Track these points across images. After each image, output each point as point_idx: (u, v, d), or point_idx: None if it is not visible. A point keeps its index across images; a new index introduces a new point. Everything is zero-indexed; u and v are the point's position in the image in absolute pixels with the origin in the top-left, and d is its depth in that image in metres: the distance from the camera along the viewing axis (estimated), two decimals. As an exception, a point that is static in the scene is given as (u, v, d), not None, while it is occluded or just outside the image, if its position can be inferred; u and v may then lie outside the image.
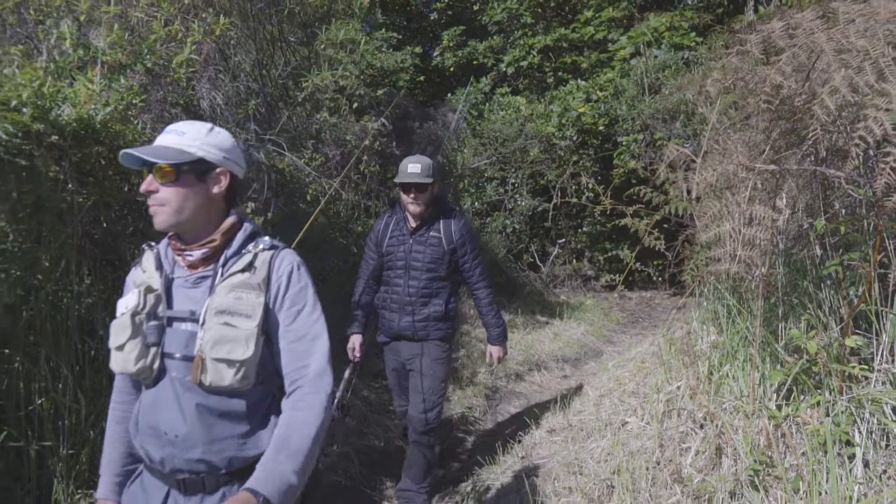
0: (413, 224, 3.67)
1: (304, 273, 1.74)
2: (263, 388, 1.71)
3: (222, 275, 1.67)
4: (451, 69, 14.85)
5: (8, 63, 2.94)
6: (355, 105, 7.44)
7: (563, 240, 12.18)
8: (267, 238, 1.74)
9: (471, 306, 8.26)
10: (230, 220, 1.72)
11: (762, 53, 2.04)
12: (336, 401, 3.39)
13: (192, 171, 1.64)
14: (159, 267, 1.72)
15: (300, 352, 1.68)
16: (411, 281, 3.64)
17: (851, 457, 2.32)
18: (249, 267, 1.67)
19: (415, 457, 3.75)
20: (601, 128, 11.31)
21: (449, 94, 13.61)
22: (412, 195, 3.55)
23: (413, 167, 3.54)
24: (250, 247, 1.71)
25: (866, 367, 2.37)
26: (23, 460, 2.91)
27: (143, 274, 1.72)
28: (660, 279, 11.58)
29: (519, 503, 3.48)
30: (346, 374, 3.48)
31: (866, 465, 2.25)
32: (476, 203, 11.51)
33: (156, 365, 1.67)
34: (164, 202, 1.62)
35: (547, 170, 11.54)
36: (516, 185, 11.77)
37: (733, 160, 2.24)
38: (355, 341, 3.77)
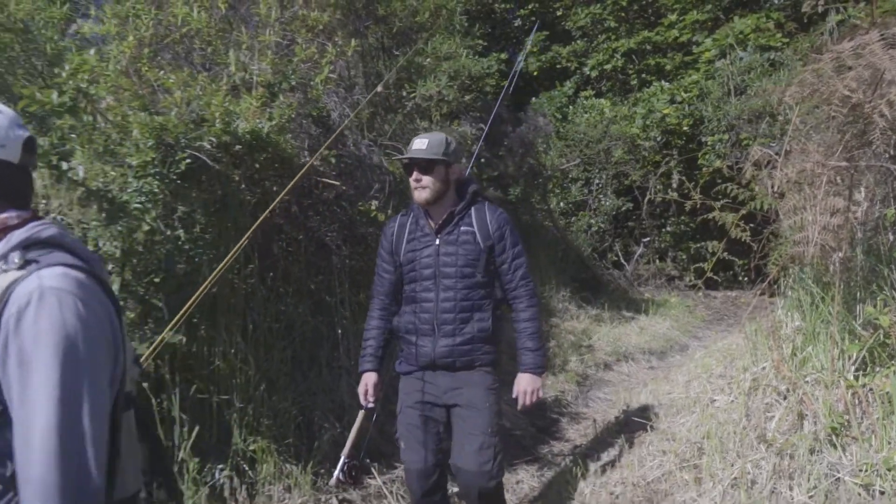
0: (437, 221, 2.88)
1: (56, 310, 1.06)
2: None
3: None
4: (535, 73, 15.26)
5: (193, 85, 3.60)
6: (444, 110, 7.99)
7: (648, 238, 12.43)
8: (15, 253, 1.13)
9: (560, 299, 8.71)
10: None
11: (833, 70, 2.42)
12: (341, 462, 2.86)
13: None
14: None
15: (21, 450, 1.05)
16: (445, 293, 2.81)
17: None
18: None
19: None
20: (685, 128, 11.52)
21: (533, 98, 14.07)
22: (414, 175, 2.81)
23: (419, 142, 2.84)
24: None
25: (931, 335, 2.72)
26: (203, 411, 3.58)
27: None
28: (745, 279, 11.67)
29: (618, 465, 3.91)
30: (357, 424, 2.99)
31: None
32: (561, 203, 11.94)
33: None
34: None
35: (631, 170, 11.84)
36: (601, 185, 12.12)
37: (810, 158, 2.64)
38: (368, 381, 2.96)
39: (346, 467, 2.86)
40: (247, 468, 3.49)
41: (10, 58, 4.33)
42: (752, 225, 5.50)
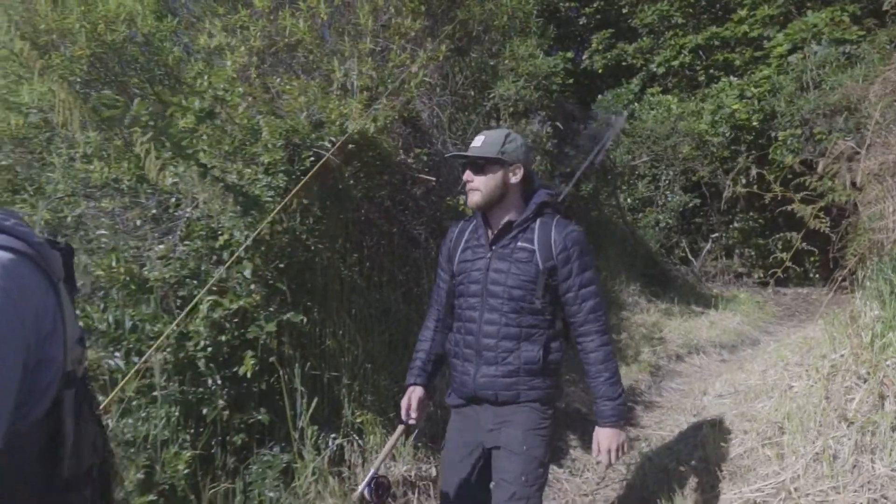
0: (494, 230, 2.50)
1: None
2: None
3: None
4: (600, 71, 15.36)
5: (309, 90, 3.98)
6: (512, 110, 8.25)
7: (716, 234, 12.43)
8: None
9: (630, 293, 8.87)
10: None
11: (916, 68, 2.59)
12: (370, 476, 2.54)
13: None
14: None
15: None
16: (489, 314, 2.44)
17: None
18: None
19: None
20: (755, 124, 11.47)
21: (599, 96, 14.18)
22: (465, 175, 2.47)
23: (476, 139, 2.48)
24: None
25: None
26: (315, 385, 3.95)
27: None
28: (816, 276, 11.56)
29: (699, 444, 4.12)
30: (393, 439, 2.73)
31: None
32: (629, 199, 12.07)
33: None
34: None
35: (699, 166, 11.87)
36: (668, 182, 12.18)
37: (892, 151, 2.81)
38: (412, 395, 2.65)
39: (373, 483, 2.51)
40: (356, 437, 3.85)
41: (134, 67, 4.83)
42: (827, 218, 5.61)
